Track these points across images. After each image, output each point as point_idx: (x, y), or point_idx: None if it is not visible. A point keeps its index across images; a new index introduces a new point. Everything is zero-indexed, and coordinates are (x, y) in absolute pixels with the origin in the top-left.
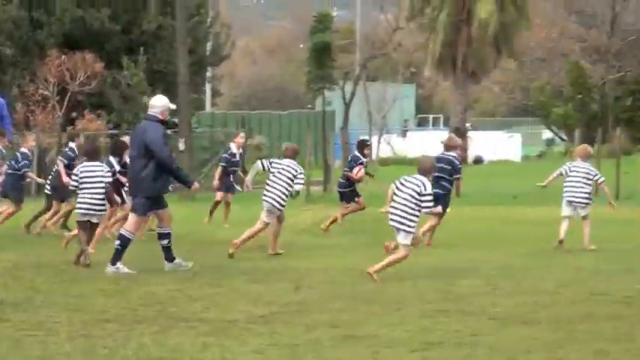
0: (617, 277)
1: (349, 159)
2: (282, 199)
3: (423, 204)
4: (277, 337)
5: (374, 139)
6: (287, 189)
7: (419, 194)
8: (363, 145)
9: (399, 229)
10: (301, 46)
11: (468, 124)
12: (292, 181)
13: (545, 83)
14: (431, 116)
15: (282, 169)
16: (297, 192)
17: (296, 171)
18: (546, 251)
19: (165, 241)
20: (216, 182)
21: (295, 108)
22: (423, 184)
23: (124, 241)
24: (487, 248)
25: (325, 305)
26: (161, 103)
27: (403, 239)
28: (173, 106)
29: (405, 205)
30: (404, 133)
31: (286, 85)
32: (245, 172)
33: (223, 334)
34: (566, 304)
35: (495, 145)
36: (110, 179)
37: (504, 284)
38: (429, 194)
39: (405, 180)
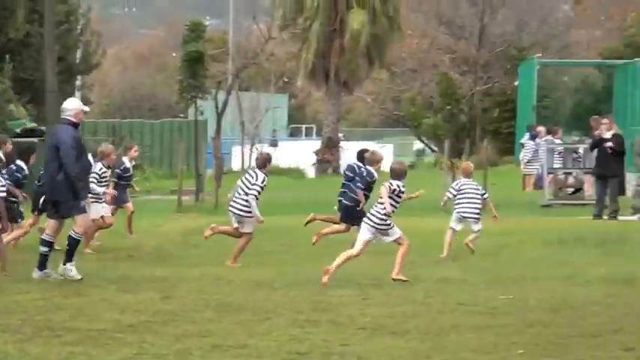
0: (482, 288)
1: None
2: (245, 207)
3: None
4: (146, 346)
5: (246, 149)
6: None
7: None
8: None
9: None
10: (174, 54)
11: (340, 135)
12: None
13: (415, 94)
14: (303, 126)
15: (246, 178)
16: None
17: (253, 178)
18: (415, 262)
19: (45, 249)
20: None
21: (168, 117)
22: (399, 186)
23: (73, 244)
24: (358, 258)
25: (194, 315)
26: (73, 106)
27: (394, 235)
28: (86, 109)
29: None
30: (273, 143)
31: (158, 93)
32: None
33: (90, 344)
34: (434, 314)
35: None
36: (4, 194)
37: (374, 294)
38: (392, 191)
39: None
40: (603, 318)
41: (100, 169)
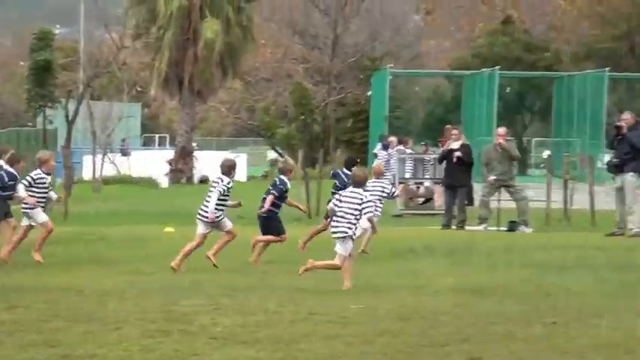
0: (335, 298)
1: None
2: (216, 213)
3: (364, 211)
4: None
5: (97, 159)
6: (216, 203)
7: (360, 204)
8: (354, 164)
9: (343, 238)
10: (22, 63)
11: (194, 144)
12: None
13: (269, 104)
14: (157, 135)
15: (212, 186)
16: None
17: (219, 183)
18: (269, 272)
19: None
20: None
21: (16, 126)
22: (361, 194)
23: None
24: (212, 269)
25: (41, 325)
26: None
27: (342, 249)
28: None
29: (349, 215)
30: (124, 152)
31: (5, 102)
32: None
33: None
34: (286, 323)
35: None
36: None
37: (227, 303)
38: (367, 202)
39: (344, 196)
40: (451, 328)
41: (35, 174)
